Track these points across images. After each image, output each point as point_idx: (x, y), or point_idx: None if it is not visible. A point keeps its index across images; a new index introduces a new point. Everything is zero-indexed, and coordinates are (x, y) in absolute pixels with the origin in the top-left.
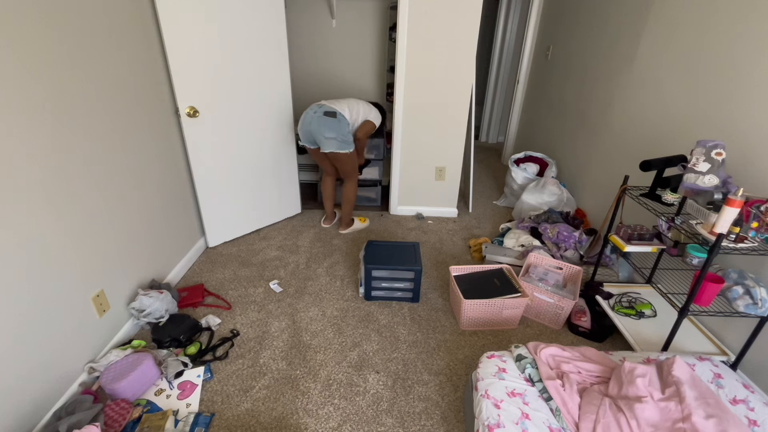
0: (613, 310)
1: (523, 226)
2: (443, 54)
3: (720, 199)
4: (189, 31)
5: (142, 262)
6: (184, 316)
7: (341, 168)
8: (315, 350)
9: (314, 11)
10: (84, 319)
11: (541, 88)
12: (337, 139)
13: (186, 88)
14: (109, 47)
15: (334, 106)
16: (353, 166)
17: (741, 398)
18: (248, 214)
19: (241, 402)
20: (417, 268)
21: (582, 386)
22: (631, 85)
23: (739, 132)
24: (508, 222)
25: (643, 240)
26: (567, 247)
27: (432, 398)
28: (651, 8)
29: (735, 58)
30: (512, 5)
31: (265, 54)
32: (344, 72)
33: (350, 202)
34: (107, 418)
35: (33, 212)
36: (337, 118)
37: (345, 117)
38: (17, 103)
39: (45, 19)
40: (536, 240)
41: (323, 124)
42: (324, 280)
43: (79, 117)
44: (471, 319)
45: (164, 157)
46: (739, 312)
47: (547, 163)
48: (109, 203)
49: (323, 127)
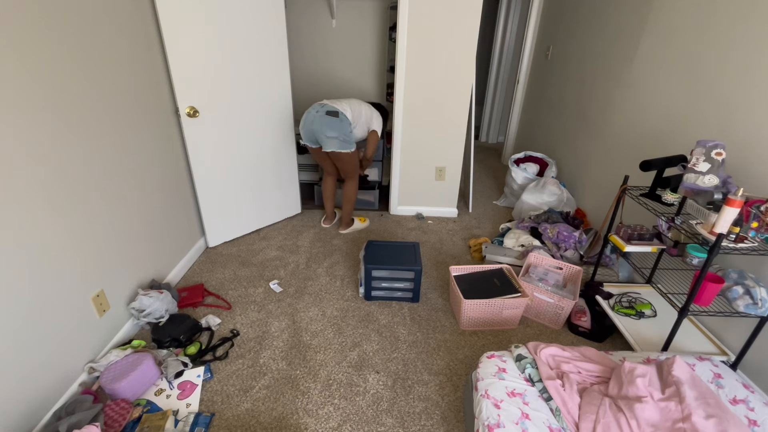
0: (613, 310)
1: (523, 226)
2: (443, 54)
3: (720, 199)
4: (189, 31)
5: (142, 262)
6: (184, 316)
7: (342, 167)
8: (315, 350)
9: (314, 11)
10: (84, 319)
11: (541, 88)
12: (339, 138)
13: (186, 88)
14: (109, 47)
15: (336, 106)
16: (354, 165)
17: (741, 398)
18: (248, 214)
19: (241, 402)
20: (417, 268)
21: (582, 386)
22: (631, 85)
23: (739, 132)
24: (508, 222)
25: (643, 240)
26: (567, 247)
27: (432, 398)
28: (651, 8)
29: (735, 58)
30: (512, 5)
31: (265, 54)
32: (344, 72)
33: (350, 201)
34: (107, 418)
35: (33, 212)
36: (339, 117)
37: (347, 117)
38: (18, 104)
39: (45, 19)
40: (536, 240)
41: (325, 123)
42: (324, 280)
43: (79, 117)
44: (471, 319)
45: (164, 157)
46: (739, 312)
47: (547, 163)
48: (109, 203)
49: (325, 126)
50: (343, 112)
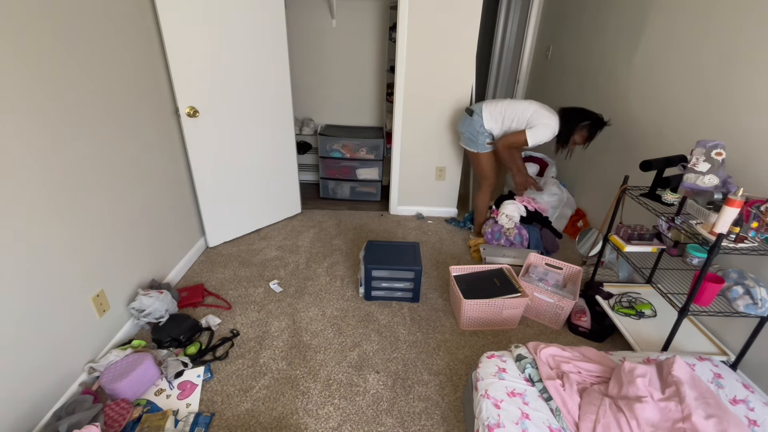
0: (613, 310)
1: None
2: (443, 54)
3: (720, 199)
4: (189, 31)
5: (142, 261)
6: (184, 316)
7: (472, 168)
8: (315, 350)
9: (314, 11)
10: (84, 319)
11: (541, 88)
12: (465, 134)
13: (186, 88)
14: (109, 47)
15: (480, 106)
16: (480, 169)
17: (741, 398)
18: (248, 214)
19: (241, 402)
20: (417, 268)
21: (582, 386)
22: (631, 85)
23: (739, 132)
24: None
25: (643, 240)
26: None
27: (432, 398)
28: (651, 8)
29: (735, 59)
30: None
31: (265, 54)
32: (344, 72)
33: (477, 210)
34: (107, 418)
35: (33, 212)
36: (472, 117)
37: (480, 117)
38: (18, 104)
39: (45, 19)
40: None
41: (461, 119)
42: (324, 280)
43: (79, 117)
44: (471, 319)
45: (164, 156)
46: (739, 312)
47: (548, 163)
48: (109, 203)
49: (460, 121)
50: (478, 112)
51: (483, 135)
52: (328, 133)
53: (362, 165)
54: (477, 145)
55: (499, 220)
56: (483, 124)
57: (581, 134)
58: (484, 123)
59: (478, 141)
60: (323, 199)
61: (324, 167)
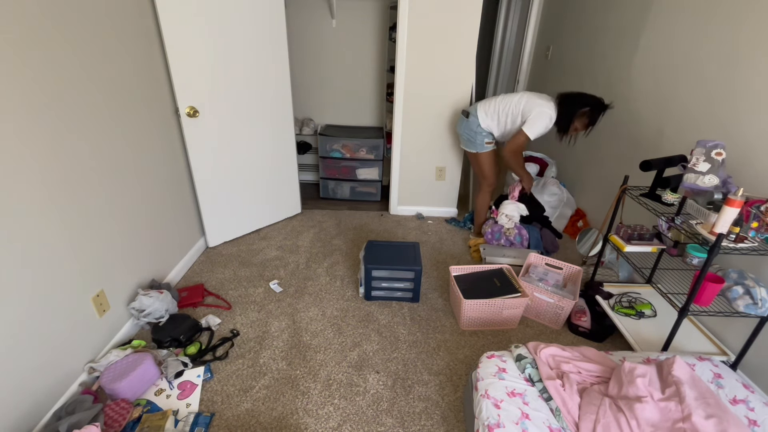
0: (613, 310)
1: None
2: (443, 54)
3: (720, 199)
4: (189, 31)
5: (142, 262)
6: (184, 316)
7: (473, 168)
8: (315, 350)
9: (314, 11)
10: (84, 319)
11: (541, 88)
12: (463, 136)
13: (186, 88)
14: (109, 47)
15: (475, 107)
16: (480, 169)
17: (741, 398)
18: (248, 214)
19: (241, 402)
20: (417, 268)
21: (582, 386)
22: (631, 85)
23: (739, 132)
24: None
25: (643, 240)
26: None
27: (432, 398)
28: (651, 8)
29: (735, 58)
30: (512, 5)
31: (265, 54)
32: (344, 72)
33: (476, 211)
34: (107, 418)
35: (33, 212)
36: (468, 118)
37: (476, 117)
38: (19, 104)
39: (46, 19)
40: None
41: (459, 121)
42: (324, 280)
43: (80, 117)
44: (471, 319)
45: (164, 156)
46: (739, 312)
47: (547, 163)
48: (109, 203)
49: (457, 124)
50: (473, 114)
51: (481, 135)
52: (328, 133)
53: (362, 165)
54: (476, 145)
55: (499, 220)
56: (479, 124)
57: (581, 121)
58: (480, 122)
59: (477, 141)
60: (323, 199)
61: (324, 167)
